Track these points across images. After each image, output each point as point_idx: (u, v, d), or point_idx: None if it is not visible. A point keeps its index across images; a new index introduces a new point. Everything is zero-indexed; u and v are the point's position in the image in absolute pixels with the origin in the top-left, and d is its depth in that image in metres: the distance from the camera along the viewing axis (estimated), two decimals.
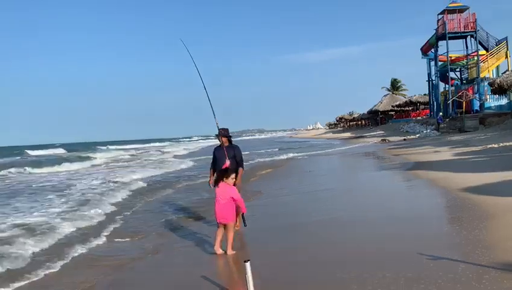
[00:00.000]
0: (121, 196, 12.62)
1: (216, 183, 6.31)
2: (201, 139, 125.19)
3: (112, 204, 11.22)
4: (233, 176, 6.30)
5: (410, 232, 6.60)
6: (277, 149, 37.20)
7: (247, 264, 4.10)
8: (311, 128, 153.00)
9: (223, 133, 7.80)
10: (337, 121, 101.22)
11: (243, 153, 8.13)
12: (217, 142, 8.18)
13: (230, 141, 7.94)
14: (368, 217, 7.93)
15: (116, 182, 15.91)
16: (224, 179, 6.26)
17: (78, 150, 59.24)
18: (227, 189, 6.22)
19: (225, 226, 6.22)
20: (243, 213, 6.42)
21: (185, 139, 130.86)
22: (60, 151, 62.24)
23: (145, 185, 15.23)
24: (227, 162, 7.04)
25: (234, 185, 7.66)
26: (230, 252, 6.15)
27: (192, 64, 7.74)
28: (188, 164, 25.18)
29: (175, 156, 37.08)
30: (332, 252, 5.97)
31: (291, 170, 19.02)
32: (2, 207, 11.48)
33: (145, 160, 33.02)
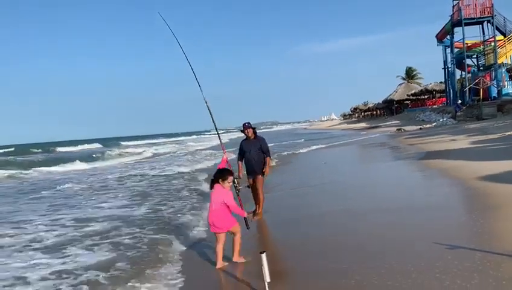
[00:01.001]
0: None
1: (211, 185, 5.49)
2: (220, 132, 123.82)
3: None
4: (230, 179, 5.44)
5: (425, 222, 6.56)
6: (286, 143, 37.07)
7: (263, 256, 4.16)
8: (325, 119, 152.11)
9: (247, 125, 8.31)
10: (351, 111, 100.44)
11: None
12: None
13: (255, 133, 8.42)
14: (381, 208, 7.89)
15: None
16: (220, 181, 5.42)
17: (110, 145, 60.48)
18: (222, 193, 5.38)
19: (231, 233, 5.50)
20: (245, 217, 5.62)
21: (205, 133, 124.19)
22: (97, 145, 63.17)
23: None
24: (224, 157, 6.19)
25: (262, 175, 8.29)
26: (237, 259, 5.48)
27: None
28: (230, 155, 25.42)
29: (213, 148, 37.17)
30: (346, 241, 5.98)
31: (306, 162, 18.99)
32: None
33: (191, 152, 33.47)
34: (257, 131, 8.57)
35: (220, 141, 6.96)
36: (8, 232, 8.01)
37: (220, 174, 5.45)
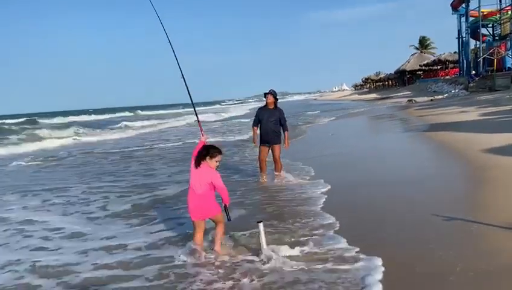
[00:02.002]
0: None
1: (198, 163, 4.63)
2: (236, 103, 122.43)
3: None
4: (219, 157, 4.68)
5: (425, 194, 6.65)
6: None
7: (261, 225, 4.46)
8: (336, 90, 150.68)
9: (270, 92, 8.26)
10: (363, 82, 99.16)
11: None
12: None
13: (275, 103, 8.38)
14: (381, 181, 7.97)
15: None
16: (208, 158, 4.63)
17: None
18: (209, 172, 4.61)
19: (214, 221, 4.77)
20: (226, 205, 4.77)
21: (218, 104, 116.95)
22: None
23: None
24: (203, 139, 5.04)
25: (279, 150, 8.21)
26: (218, 248, 4.71)
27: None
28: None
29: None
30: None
31: (316, 133, 19.03)
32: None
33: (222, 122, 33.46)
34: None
35: (198, 119, 5.59)
36: None
37: (207, 151, 4.66)
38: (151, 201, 7.64)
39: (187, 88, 5.62)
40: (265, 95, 8.35)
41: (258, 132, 8.56)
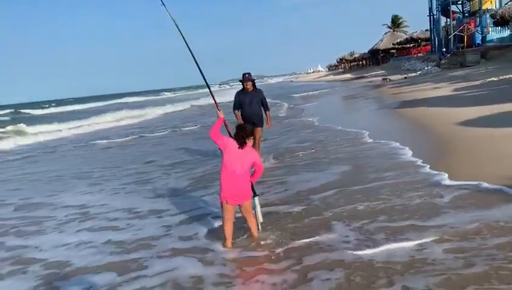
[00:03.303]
0: None
1: (243, 143, 4.39)
2: (222, 85, 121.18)
3: None
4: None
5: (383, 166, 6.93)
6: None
7: (256, 199, 4.79)
8: (311, 71, 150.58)
9: (248, 77, 8.00)
10: (337, 62, 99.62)
11: None
12: None
13: (254, 85, 8.18)
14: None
15: None
16: (251, 137, 4.47)
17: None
18: (252, 152, 4.46)
19: (241, 207, 4.53)
20: (252, 183, 4.64)
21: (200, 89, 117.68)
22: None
23: None
24: (221, 116, 4.74)
25: (261, 127, 8.11)
26: (257, 233, 4.65)
27: None
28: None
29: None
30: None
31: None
32: None
33: None
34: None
35: (213, 98, 5.39)
36: None
37: (251, 131, 4.53)
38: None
39: (199, 69, 5.31)
40: (243, 80, 8.04)
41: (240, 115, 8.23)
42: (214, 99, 5.30)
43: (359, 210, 5.14)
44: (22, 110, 58.16)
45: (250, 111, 8.09)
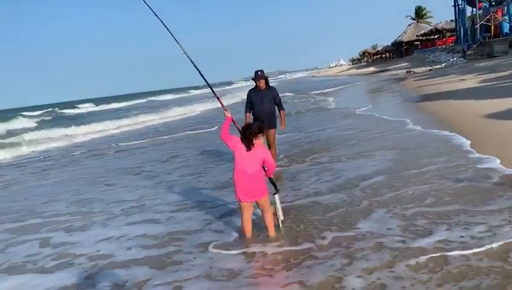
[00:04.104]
0: None
1: (252, 141, 4.39)
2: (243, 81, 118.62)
3: None
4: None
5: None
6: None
7: (276, 196, 4.60)
8: (333, 65, 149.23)
9: (261, 75, 7.46)
10: (360, 56, 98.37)
11: None
12: None
13: (267, 83, 7.60)
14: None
15: None
16: (260, 136, 4.44)
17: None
18: (262, 150, 4.49)
19: (258, 204, 4.54)
20: (270, 177, 4.72)
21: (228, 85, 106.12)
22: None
23: None
24: (229, 116, 4.77)
25: (275, 128, 7.53)
26: (273, 233, 4.59)
27: None
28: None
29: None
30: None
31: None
32: None
33: None
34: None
35: (217, 97, 5.38)
36: None
37: (259, 129, 4.45)
38: None
39: (198, 70, 5.35)
40: (256, 78, 7.47)
41: (251, 117, 7.66)
42: (219, 99, 5.28)
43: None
44: (59, 110, 58.51)
45: (262, 111, 7.48)
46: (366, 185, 5.95)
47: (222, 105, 5.13)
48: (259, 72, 7.48)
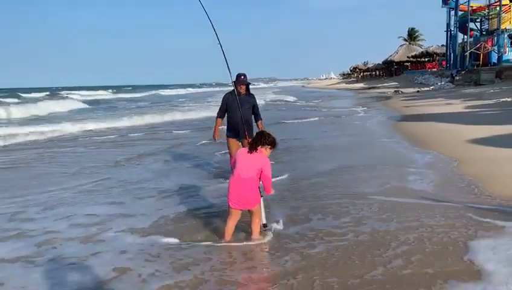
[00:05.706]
0: None
1: (254, 148, 4.38)
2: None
3: None
4: (272, 150, 4.53)
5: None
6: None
7: (261, 200, 4.63)
8: (324, 78, 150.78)
9: (244, 80, 6.62)
10: (350, 71, 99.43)
11: None
12: None
13: (248, 89, 6.83)
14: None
15: None
16: (266, 146, 4.38)
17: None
18: (263, 159, 4.35)
19: (249, 211, 4.48)
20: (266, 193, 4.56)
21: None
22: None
23: None
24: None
25: (251, 138, 6.56)
26: (256, 236, 4.52)
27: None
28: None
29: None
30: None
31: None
32: None
33: None
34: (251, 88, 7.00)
35: (237, 89, 6.46)
36: None
37: (267, 139, 4.37)
38: None
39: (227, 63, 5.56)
40: (237, 82, 6.51)
41: (224, 124, 7.02)
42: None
43: None
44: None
45: (238, 118, 6.38)
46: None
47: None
48: (242, 76, 6.58)
